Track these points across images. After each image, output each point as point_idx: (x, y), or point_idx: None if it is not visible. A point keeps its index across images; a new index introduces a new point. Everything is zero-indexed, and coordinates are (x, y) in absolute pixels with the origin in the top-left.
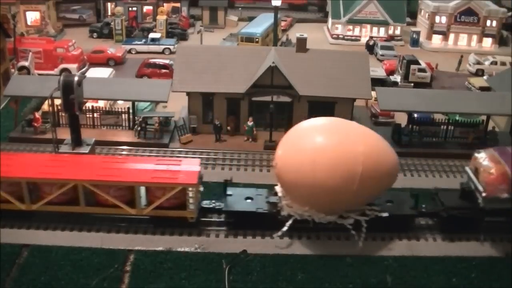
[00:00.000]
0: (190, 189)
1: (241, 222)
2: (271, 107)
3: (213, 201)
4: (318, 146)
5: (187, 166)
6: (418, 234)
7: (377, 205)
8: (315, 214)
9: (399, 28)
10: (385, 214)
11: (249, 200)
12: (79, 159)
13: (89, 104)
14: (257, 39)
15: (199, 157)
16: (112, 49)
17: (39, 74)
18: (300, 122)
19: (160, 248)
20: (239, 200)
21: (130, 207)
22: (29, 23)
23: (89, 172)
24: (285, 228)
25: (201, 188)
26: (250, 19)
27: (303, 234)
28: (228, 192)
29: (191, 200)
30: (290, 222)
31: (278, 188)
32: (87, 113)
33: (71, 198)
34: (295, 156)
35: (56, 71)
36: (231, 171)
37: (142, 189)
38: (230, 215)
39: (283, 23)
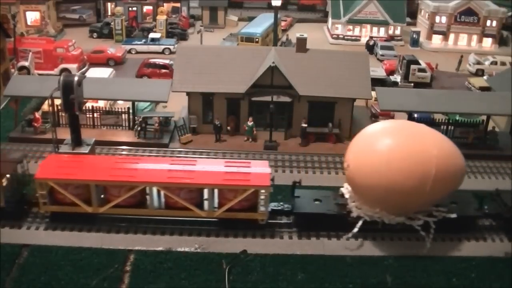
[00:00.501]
0: (262, 191)
1: (310, 224)
2: (271, 107)
3: (281, 203)
4: (393, 147)
5: (257, 168)
6: (418, 234)
7: (443, 206)
8: (385, 215)
9: (399, 28)
10: (453, 216)
11: (317, 202)
12: (148, 161)
13: (89, 104)
14: (257, 39)
15: (198, 157)
16: (112, 49)
17: (39, 74)
18: (368, 126)
19: (160, 248)
20: (308, 202)
21: (200, 209)
22: (29, 23)
23: (159, 174)
24: (355, 230)
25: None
26: (250, 19)
27: (304, 234)
28: (296, 194)
29: (262, 202)
30: (360, 223)
31: (345, 190)
32: (87, 113)
33: (138, 201)
34: (368, 158)
35: (56, 71)
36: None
37: (213, 192)
38: (299, 217)
39: (283, 23)
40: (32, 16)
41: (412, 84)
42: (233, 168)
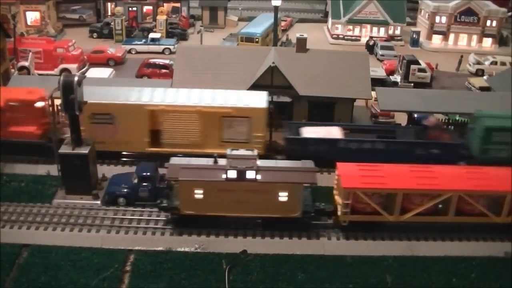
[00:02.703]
0: None
1: None
2: (271, 107)
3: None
4: None
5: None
6: (418, 234)
7: None
8: None
9: (399, 28)
10: None
11: None
12: (445, 170)
13: None
14: (257, 39)
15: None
16: (112, 49)
17: (39, 74)
18: None
19: (160, 248)
20: None
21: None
22: (29, 23)
23: (463, 182)
24: None
25: None
26: (250, 19)
27: (304, 234)
28: None
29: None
30: None
31: None
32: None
33: (434, 208)
34: None
35: (56, 71)
36: None
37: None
38: None
39: (283, 23)
40: (32, 16)
41: (412, 84)
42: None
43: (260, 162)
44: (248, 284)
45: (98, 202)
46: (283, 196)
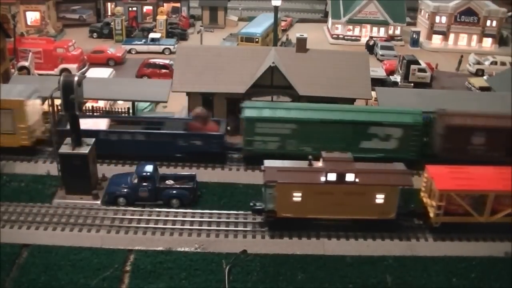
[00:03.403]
0: None
1: None
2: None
3: None
4: None
5: None
6: (418, 234)
7: None
8: None
9: (399, 28)
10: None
11: None
12: None
13: (89, 104)
14: (257, 39)
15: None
16: (112, 49)
17: (39, 74)
18: None
19: (160, 248)
20: None
21: None
22: (29, 23)
23: None
24: None
25: None
26: (250, 19)
27: (304, 234)
28: None
29: None
30: None
31: None
32: (87, 113)
33: None
34: None
35: (56, 71)
36: (232, 171)
37: None
38: None
39: (283, 23)
40: (32, 16)
41: (412, 84)
42: None
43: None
44: (248, 284)
45: (98, 202)
46: (379, 198)
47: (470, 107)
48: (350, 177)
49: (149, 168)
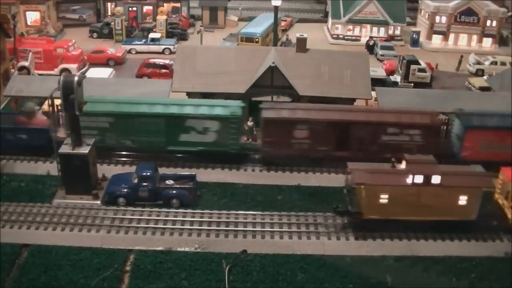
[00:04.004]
0: None
1: None
2: None
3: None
4: None
5: None
6: (418, 234)
7: None
8: None
9: (399, 28)
10: None
11: None
12: None
13: None
14: (257, 39)
15: None
16: (112, 49)
17: (39, 74)
18: None
19: (160, 248)
20: None
21: None
22: (29, 23)
23: None
24: None
25: None
26: (250, 19)
27: (303, 234)
28: None
29: None
30: None
31: None
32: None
33: None
34: None
35: (56, 71)
36: (232, 171)
37: None
38: None
39: (283, 23)
40: (32, 16)
41: (412, 84)
42: None
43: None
44: (248, 284)
45: (98, 202)
46: (462, 200)
47: (470, 107)
48: (436, 179)
49: (149, 168)
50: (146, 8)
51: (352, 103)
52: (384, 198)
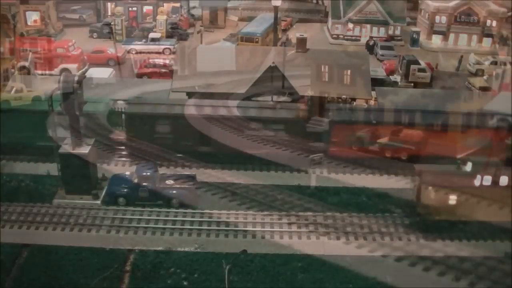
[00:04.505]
0: None
1: None
2: None
3: None
4: None
5: None
6: (418, 234)
7: None
8: None
9: (399, 28)
10: None
11: None
12: None
13: None
14: (257, 39)
15: None
16: (112, 49)
17: (39, 74)
18: None
19: (160, 248)
20: None
21: None
22: (29, 23)
23: None
24: None
25: None
26: (250, 19)
27: (304, 234)
28: None
29: None
30: None
31: None
32: None
33: None
34: None
35: (56, 71)
36: (232, 172)
37: None
38: None
39: (283, 23)
40: (32, 16)
41: (412, 84)
42: None
43: None
44: (248, 284)
45: (98, 202)
46: None
47: (470, 107)
48: (504, 180)
49: (149, 168)
50: (146, 8)
51: (352, 103)
52: (452, 200)
